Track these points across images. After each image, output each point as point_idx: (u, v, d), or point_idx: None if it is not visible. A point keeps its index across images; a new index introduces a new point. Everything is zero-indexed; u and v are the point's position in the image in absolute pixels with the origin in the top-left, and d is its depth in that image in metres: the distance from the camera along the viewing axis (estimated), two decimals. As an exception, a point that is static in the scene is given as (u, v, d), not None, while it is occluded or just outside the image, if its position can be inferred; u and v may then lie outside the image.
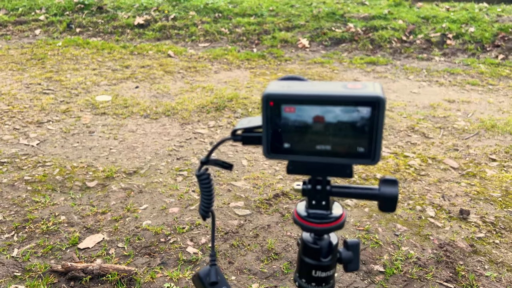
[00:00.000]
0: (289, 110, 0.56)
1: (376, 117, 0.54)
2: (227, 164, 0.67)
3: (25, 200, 2.01)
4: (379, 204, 0.60)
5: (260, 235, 1.79)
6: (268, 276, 1.56)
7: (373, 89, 0.55)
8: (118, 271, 1.53)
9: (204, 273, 0.70)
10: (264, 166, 2.40)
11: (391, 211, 0.60)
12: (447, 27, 5.50)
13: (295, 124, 0.57)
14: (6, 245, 1.69)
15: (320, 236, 0.66)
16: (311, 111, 0.55)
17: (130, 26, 6.06)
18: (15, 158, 2.43)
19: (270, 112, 0.57)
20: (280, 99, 0.56)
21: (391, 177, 0.60)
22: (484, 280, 1.56)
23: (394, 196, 0.59)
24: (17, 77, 4.00)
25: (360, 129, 0.55)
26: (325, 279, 0.66)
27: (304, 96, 0.55)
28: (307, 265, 0.66)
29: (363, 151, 0.56)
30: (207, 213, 0.68)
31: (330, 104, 0.55)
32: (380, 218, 1.91)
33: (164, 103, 3.35)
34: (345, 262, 0.67)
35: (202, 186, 0.67)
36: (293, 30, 5.79)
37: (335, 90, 0.55)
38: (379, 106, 0.53)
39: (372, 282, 1.54)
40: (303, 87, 0.57)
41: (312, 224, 0.63)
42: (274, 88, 0.57)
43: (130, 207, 1.97)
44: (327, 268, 0.66)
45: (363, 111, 0.54)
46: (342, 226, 0.63)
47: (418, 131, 2.90)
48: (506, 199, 2.09)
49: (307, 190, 0.63)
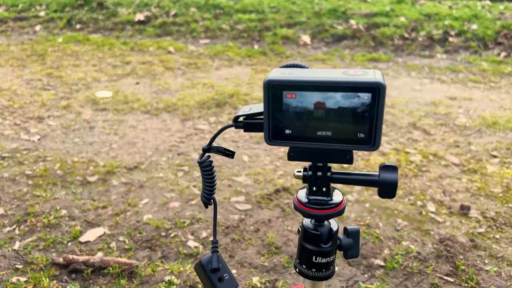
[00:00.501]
0: (291, 96, 0.57)
1: (376, 103, 0.54)
2: (229, 151, 0.67)
3: (26, 194, 2.01)
4: (379, 190, 0.60)
5: (260, 230, 1.79)
6: (269, 270, 1.56)
7: (373, 75, 0.55)
8: (119, 264, 1.53)
9: (206, 260, 0.70)
10: (265, 162, 2.40)
11: (391, 197, 0.60)
12: (450, 24, 5.49)
13: (296, 110, 0.57)
14: (8, 238, 1.70)
15: (320, 223, 0.66)
16: (312, 97, 0.56)
17: (130, 23, 6.06)
18: (16, 153, 2.44)
19: (271, 99, 0.57)
20: (282, 85, 0.56)
21: (391, 163, 0.60)
22: (484, 274, 1.56)
23: (394, 182, 0.59)
24: (18, 73, 4.00)
25: (361, 115, 0.55)
26: (325, 265, 0.66)
27: (305, 82, 0.55)
28: (307, 251, 0.66)
29: (363, 137, 0.56)
30: (209, 200, 0.68)
31: (331, 90, 0.55)
32: (380, 213, 1.92)
33: (164, 99, 3.35)
34: (345, 249, 0.68)
35: (204, 174, 0.67)
36: (294, 26, 5.78)
37: (336, 76, 0.55)
38: (379, 92, 0.53)
39: (373, 276, 1.55)
40: (304, 73, 0.57)
41: (312, 210, 0.63)
42: (276, 74, 0.57)
43: (131, 202, 1.97)
44: (327, 254, 0.66)
45: (363, 97, 0.54)
46: (342, 212, 0.64)
47: (419, 127, 2.90)
48: (506, 195, 2.09)
49: (308, 177, 0.63)
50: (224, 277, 0.70)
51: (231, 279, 0.70)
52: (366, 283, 1.51)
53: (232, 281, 0.70)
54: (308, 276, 0.68)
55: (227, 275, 0.70)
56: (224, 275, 0.70)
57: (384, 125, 2.91)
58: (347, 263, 1.60)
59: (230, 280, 0.70)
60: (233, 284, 0.70)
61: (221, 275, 0.70)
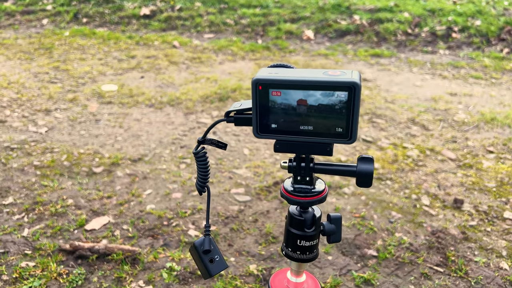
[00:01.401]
0: (276, 94, 0.63)
1: (352, 101, 0.60)
2: (221, 143, 0.73)
3: (35, 184, 2.09)
4: (357, 180, 0.66)
5: (259, 220, 1.86)
6: (266, 258, 1.63)
7: (350, 75, 0.61)
8: (122, 251, 1.61)
9: (199, 242, 0.76)
10: (265, 155, 2.46)
11: (367, 186, 0.66)
12: (453, 20, 5.49)
13: (281, 106, 0.63)
14: (17, 226, 1.78)
15: (304, 209, 0.72)
16: (295, 95, 0.62)
17: (136, 17, 6.11)
18: (24, 144, 2.52)
19: (259, 96, 0.63)
20: (268, 84, 0.62)
21: (368, 155, 0.66)
22: (473, 265, 1.62)
23: (370, 172, 0.65)
24: (25, 66, 4.08)
25: (339, 111, 0.61)
26: (309, 248, 0.73)
27: (289, 81, 0.61)
28: (293, 235, 0.73)
29: (341, 131, 0.62)
30: (203, 188, 0.74)
31: (311, 88, 0.61)
32: (376, 206, 1.98)
33: (168, 93, 3.42)
34: (328, 234, 0.74)
35: (199, 163, 0.73)
36: (298, 21, 5.81)
37: (317, 76, 0.61)
38: (355, 91, 0.59)
39: (365, 265, 1.61)
40: (289, 73, 0.63)
41: (297, 197, 0.69)
42: (263, 74, 0.63)
43: (134, 192, 2.04)
44: (311, 238, 0.72)
45: (341, 95, 0.60)
46: (324, 199, 0.70)
47: (418, 123, 2.95)
48: (500, 189, 2.14)
49: (293, 167, 0.69)
50: (215, 258, 0.76)
51: (221, 261, 0.77)
52: (359, 272, 1.57)
53: (222, 263, 0.77)
54: (294, 258, 0.75)
55: (218, 257, 0.76)
56: (215, 257, 0.76)
57: (383, 120, 2.96)
58: (341, 253, 1.67)
59: (221, 262, 0.77)
60: (223, 265, 0.76)
61: (212, 256, 0.76)
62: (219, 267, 0.77)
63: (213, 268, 0.76)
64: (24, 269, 1.52)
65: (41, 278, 1.49)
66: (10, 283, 1.47)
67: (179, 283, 1.49)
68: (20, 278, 1.48)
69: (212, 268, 0.76)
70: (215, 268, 0.76)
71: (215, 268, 0.77)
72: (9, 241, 1.68)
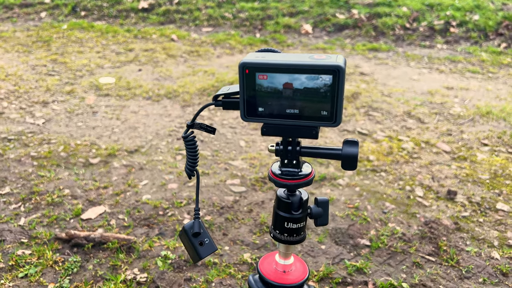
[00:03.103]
0: (262, 78, 0.64)
1: (336, 84, 0.61)
2: (210, 128, 0.75)
3: (31, 174, 2.10)
4: (342, 163, 0.68)
5: (254, 210, 1.88)
6: (260, 247, 1.65)
7: (335, 59, 0.62)
8: (118, 240, 1.62)
9: (188, 226, 0.78)
10: (261, 147, 2.48)
11: (352, 169, 0.68)
12: (451, 14, 5.49)
13: (267, 90, 0.64)
14: (14, 215, 1.79)
15: (292, 192, 0.74)
16: (281, 78, 0.63)
17: (134, 10, 6.10)
18: (21, 135, 2.53)
19: (246, 79, 0.64)
20: (254, 68, 0.63)
21: (353, 138, 0.68)
22: (465, 255, 1.64)
23: (354, 155, 0.66)
24: (23, 59, 4.08)
25: (323, 95, 0.62)
26: (296, 230, 0.74)
27: (274, 65, 0.63)
28: (280, 217, 0.74)
29: (326, 114, 0.63)
30: (192, 171, 0.76)
31: (297, 72, 0.62)
32: (370, 197, 1.99)
33: (166, 86, 3.42)
34: (315, 217, 0.75)
35: (188, 147, 0.75)
36: (296, 15, 5.80)
37: (302, 60, 0.62)
38: (339, 74, 0.61)
39: (358, 255, 1.63)
40: (276, 57, 0.65)
41: (284, 180, 0.71)
42: (250, 58, 0.65)
43: (131, 183, 2.06)
44: (298, 221, 0.74)
45: (325, 79, 0.61)
46: (310, 182, 0.71)
47: (414, 116, 2.96)
48: (493, 181, 2.16)
49: (280, 151, 0.71)
50: (204, 241, 0.78)
51: (210, 244, 0.78)
52: (352, 260, 1.59)
53: (212, 245, 0.78)
54: (281, 240, 0.76)
55: (208, 239, 0.78)
56: (204, 240, 0.78)
57: (379, 113, 2.97)
58: (334, 242, 1.69)
59: (210, 245, 0.78)
60: (212, 248, 0.78)
61: (202, 239, 0.78)
62: (208, 250, 0.78)
63: (203, 250, 0.78)
64: (20, 257, 1.54)
65: (37, 265, 1.50)
66: (6, 271, 1.48)
67: (173, 271, 1.51)
68: (16, 266, 1.50)
69: (202, 250, 0.78)
70: (205, 250, 0.78)
71: (205, 251, 0.78)
72: (6, 229, 1.69)
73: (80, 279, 1.46)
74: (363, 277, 1.51)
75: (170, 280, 1.46)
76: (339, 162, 0.70)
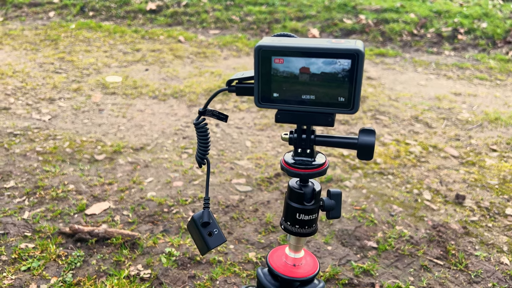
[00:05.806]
0: (279, 61, 0.62)
1: (355, 69, 0.60)
2: (223, 115, 0.73)
3: (36, 169, 2.09)
4: (358, 152, 0.66)
5: (259, 210, 1.86)
6: (265, 246, 1.63)
7: (354, 43, 0.60)
8: (122, 235, 1.60)
9: (197, 215, 0.76)
10: (268, 148, 2.46)
11: (369, 159, 0.66)
12: (459, 22, 5.47)
13: (283, 74, 0.63)
14: (18, 208, 1.78)
15: (304, 183, 0.72)
16: (298, 62, 0.61)
17: (142, 11, 6.12)
18: (27, 131, 2.52)
19: (261, 63, 0.63)
20: (271, 51, 0.62)
21: (369, 127, 0.66)
22: (474, 259, 1.61)
23: (371, 144, 0.65)
24: (31, 57, 4.09)
25: (341, 80, 0.61)
26: (308, 222, 0.72)
27: (291, 48, 0.61)
28: (292, 208, 0.72)
29: (343, 101, 0.62)
30: (203, 160, 0.74)
31: (314, 56, 0.60)
32: (377, 199, 1.97)
33: (172, 86, 3.42)
34: (327, 209, 0.73)
35: (199, 134, 0.73)
36: (304, 20, 5.81)
37: (320, 44, 0.61)
38: (358, 59, 0.59)
39: (365, 256, 1.60)
40: (292, 41, 0.63)
41: (297, 169, 0.69)
42: (266, 41, 0.63)
43: (136, 180, 2.04)
44: (310, 212, 0.72)
45: (344, 63, 0.60)
46: (324, 172, 0.69)
47: (421, 120, 2.93)
48: (502, 187, 2.13)
49: (293, 139, 0.69)
50: (213, 231, 0.76)
51: (219, 234, 0.76)
52: (358, 262, 1.56)
53: (221, 236, 0.76)
54: (292, 232, 0.74)
55: (217, 230, 0.76)
56: (213, 230, 0.76)
57: (386, 117, 2.95)
58: (341, 243, 1.66)
59: (219, 235, 0.76)
60: (221, 239, 0.76)
61: (211, 230, 0.76)
62: (217, 241, 0.76)
63: (212, 241, 0.76)
64: (24, 250, 1.52)
65: (40, 259, 1.49)
66: (9, 264, 1.47)
67: (177, 268, 1.49)
68: (19, 259, 1.49)
69: (210, 241, 0.76)
70: (213, 241, 0.76)
71: (213, 242, 0.76)
72: (9, 223, 1.68)
73: (83, 274, 1.44)
74: (370, 279, 1.49)
75: (174, 277, 1.44)
76: (345, 164, 0.68)
